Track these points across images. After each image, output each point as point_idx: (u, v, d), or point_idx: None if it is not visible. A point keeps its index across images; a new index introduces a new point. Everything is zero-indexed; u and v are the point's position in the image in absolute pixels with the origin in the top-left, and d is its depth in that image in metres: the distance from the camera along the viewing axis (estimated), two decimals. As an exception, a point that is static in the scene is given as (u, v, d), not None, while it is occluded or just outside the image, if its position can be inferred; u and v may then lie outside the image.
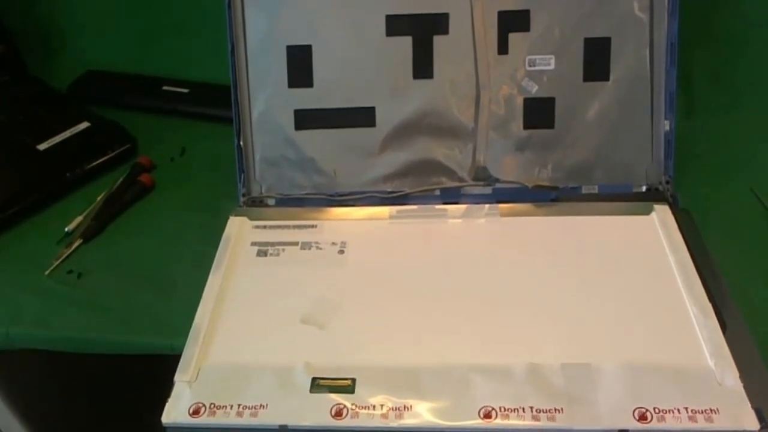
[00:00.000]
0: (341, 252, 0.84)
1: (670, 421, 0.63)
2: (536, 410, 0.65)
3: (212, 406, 0.67)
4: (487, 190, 0.91)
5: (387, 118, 0.91)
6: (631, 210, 0.86)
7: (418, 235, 0.86)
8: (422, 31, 0.89)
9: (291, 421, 0.66)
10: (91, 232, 0.93)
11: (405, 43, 0.89)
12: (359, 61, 0.90)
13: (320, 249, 0.85)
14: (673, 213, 0.85)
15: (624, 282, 0.78)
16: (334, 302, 0.77)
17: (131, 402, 1.09)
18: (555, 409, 0.65)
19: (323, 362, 0.71)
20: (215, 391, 0.69)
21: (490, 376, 0.68)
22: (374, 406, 0.66)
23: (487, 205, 0.88)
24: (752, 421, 0.63)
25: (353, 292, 0.79)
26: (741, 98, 1.08)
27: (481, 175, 0.90)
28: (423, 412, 0.66)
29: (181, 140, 1.09)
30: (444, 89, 0.90)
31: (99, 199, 0.98)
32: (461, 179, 0.91)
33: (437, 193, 0.91)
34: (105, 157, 1.04)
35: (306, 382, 0.69)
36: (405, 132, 0.91)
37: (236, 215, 0.89)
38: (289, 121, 0.91)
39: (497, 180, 0.90)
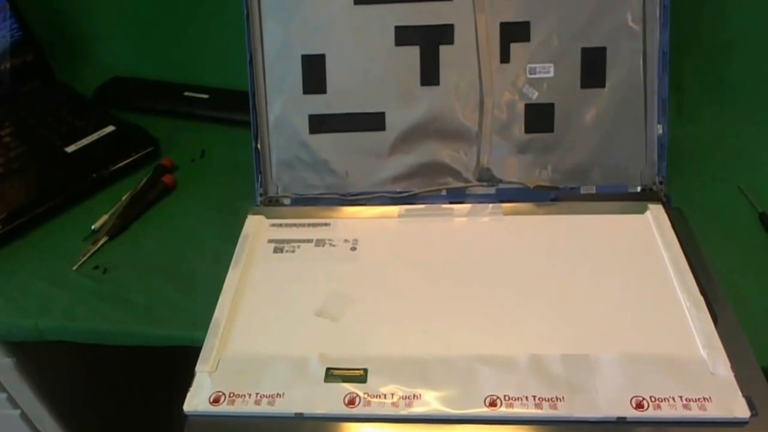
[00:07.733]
0: (353, 249, 0.83)
1: (665, 410, 0.63)
2: (538, 399, 0.65)
3: (231, 394, 0.67)
4: (491, 190, 0.90)
5: (396, 123, 0.90)
6: (626, 209, 0.86)
7: (425, 233, 0.85)
8: (429, 41, 0.88)
9: (306, 409, 0.66)
10: (116, 230, 0.92)
11: (413, 52, 0.89)
12: (370, 69, 0.90)
13: (333, 246, 0.84)
14: (667, 212, 0.84)
15: (620, 277, 0.77)
16: (346, 296, 0.77)
17: (154, 392, 1.08)
18: (556, 398, 0.65)
19: (337, 353, 0.70)
20: (234, 381, 0.68)
21: (494, 367, 0.68)
22: (385, 395, 0.66)
23: (490, 205, 0.88)
24: (743, 409, 0.62)
25: (365, 287, 0.78)
26: (729, 102, 1.07)
27: (485, 176, 0.90)
28: (431, 400, 0.65)
29: (201, 143, 1.09)
30: (450, 95, 0.89)
31: (124, 198, 0.98)
32: (466, 180, 0.90)
33: (444, 193, 0.90)
34: (129, 159, 1.03)
35: (320, 372, 0.68)
36: (413, 135, 0.90)
37: (254, 214, 0.89)
38: (304, 125, 0.91)
39: (500, 181, 0.89)
